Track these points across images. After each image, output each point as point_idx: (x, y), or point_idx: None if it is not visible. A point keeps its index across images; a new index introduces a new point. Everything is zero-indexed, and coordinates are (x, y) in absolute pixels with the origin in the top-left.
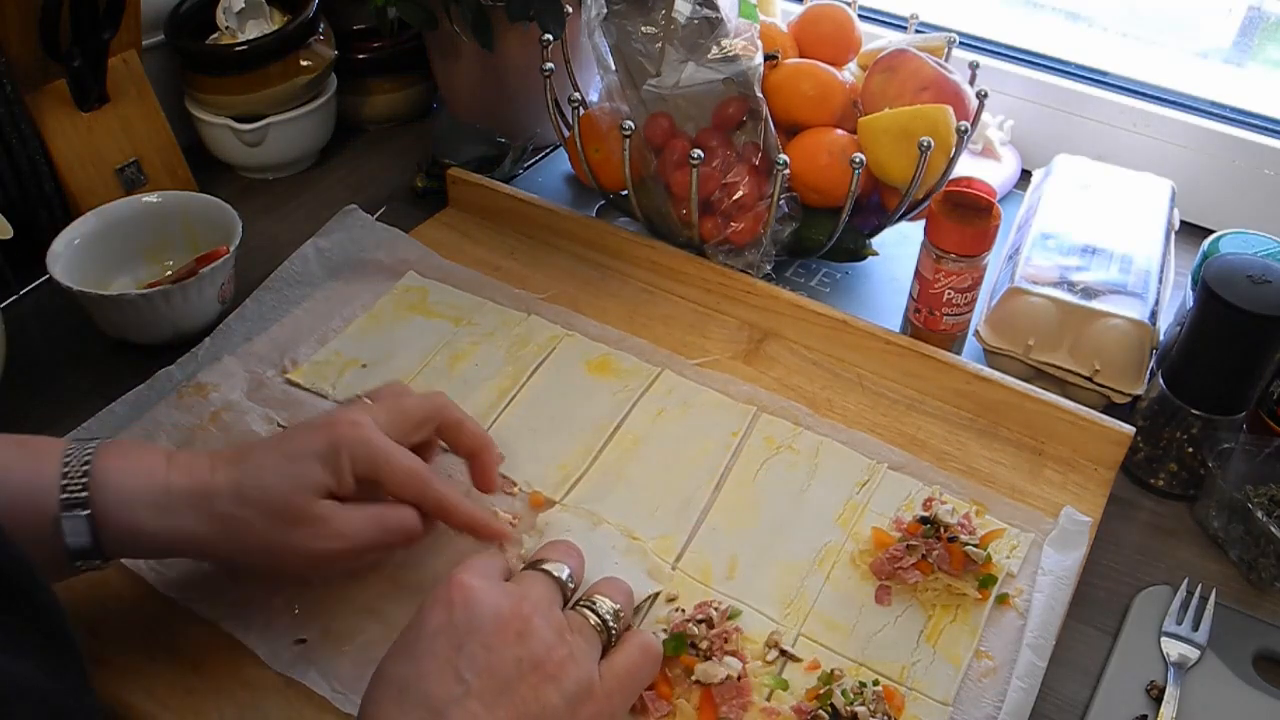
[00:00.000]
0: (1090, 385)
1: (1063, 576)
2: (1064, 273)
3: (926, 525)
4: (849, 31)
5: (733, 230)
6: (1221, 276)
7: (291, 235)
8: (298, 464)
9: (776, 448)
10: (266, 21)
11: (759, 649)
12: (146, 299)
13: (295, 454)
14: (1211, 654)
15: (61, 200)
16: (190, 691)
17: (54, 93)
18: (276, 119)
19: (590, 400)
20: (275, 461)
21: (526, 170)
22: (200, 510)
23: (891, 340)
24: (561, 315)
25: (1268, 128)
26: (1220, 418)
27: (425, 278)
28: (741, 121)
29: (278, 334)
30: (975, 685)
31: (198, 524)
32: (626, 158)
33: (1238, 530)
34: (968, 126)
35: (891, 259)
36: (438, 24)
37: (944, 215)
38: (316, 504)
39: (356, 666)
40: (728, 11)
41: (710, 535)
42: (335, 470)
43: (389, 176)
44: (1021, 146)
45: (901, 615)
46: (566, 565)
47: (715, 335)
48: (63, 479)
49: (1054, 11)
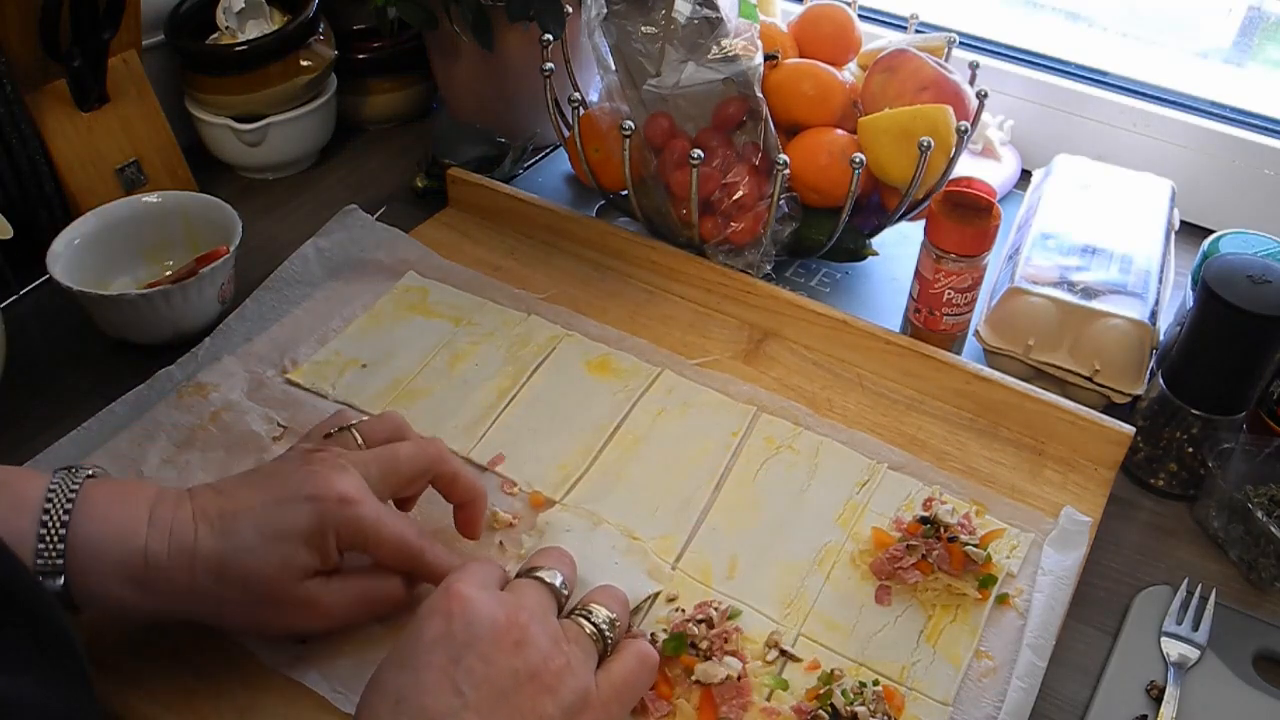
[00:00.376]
0: (1090, 385)
1: (1063, 576)
2: (1064, 273)
3: (926, 525)
4: (849, 31)
5: (733, 230)
6: (1221, 276)
7: (291, 235)
8: (283, 546)
9: (776, 448)
10: (266, 21)
11: (759, 649)
12: (146, 299)
13: (280, 533)
14: (1211, 654)
15: (61, 200)
16: (190, 692)
17: (54, 93)
18: (276, 119)
19: (590, 400)
20: (259, 541)
21: (526, 170)
22: (179, 584)
23: (891, 340)
24: (561, 315)
25: (1268, 128)
26: (1220, 418)
27: (425, 278)
28: (741, 121)
29: (278, 334)
30: (975, 685)
31: (176, 602)
32: (626, 158)
33: (1238, 530)
34: (968, 126)
35: (891, 259)
36: (438, 24)
37: (944, 215)
38: (301, 587)
39: (356, 667)
40: (728, 11)
41: (710, 535)
42: (322, 551)
43: (389, 176)
44: (1021, 146)
45: (901, 615)
46: (559, 571)
47: (715, 335)
48: (40, 541)
49: (1054, 11)
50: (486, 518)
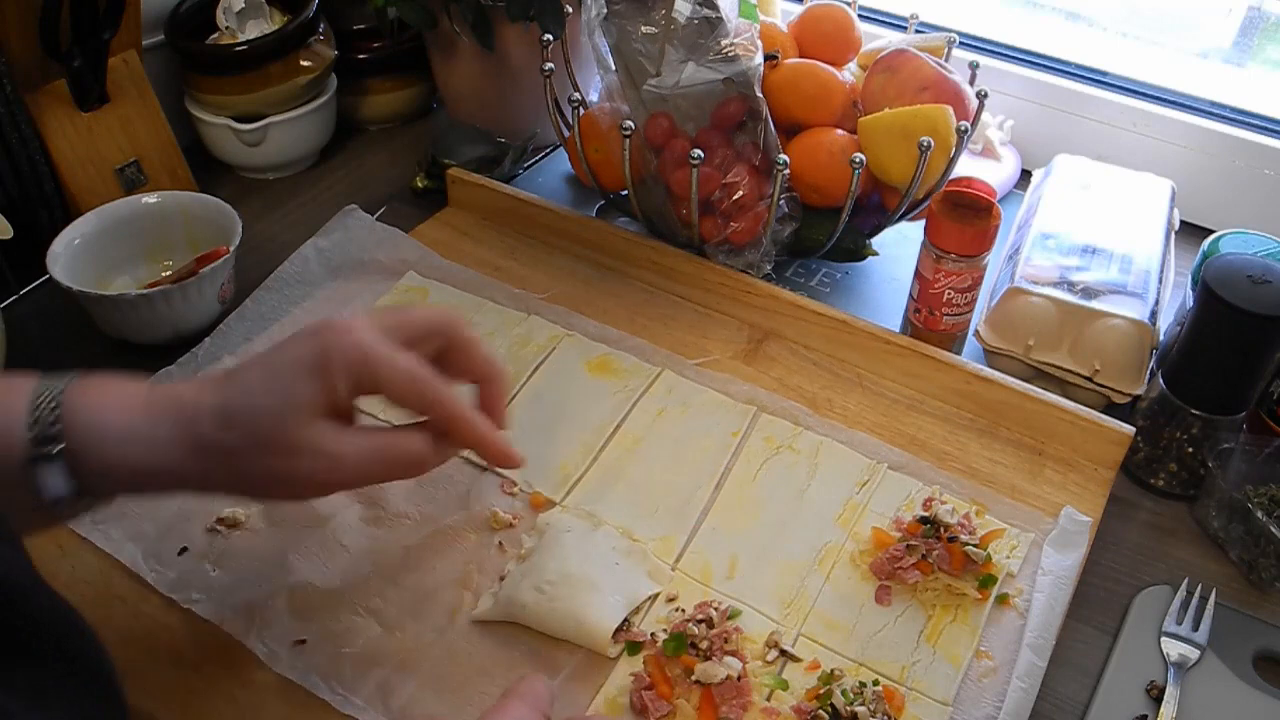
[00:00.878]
0: (1090, 385)
1: (1063, 576)
2: (1064, 273)
3: (926, 525)
4: (849, 31)
5: (733, 230)
6: (1221, 276)
7: (291, 235)
8: (285, 380)
9: (776, 448)
10: (266, 21)
11: (759, 649)
12: (146, 299)
13: (282, 368)
14: (1211, 654)
15: (61, 200)
16: (190, 692)
17: (54, 93)
18: (276, 119)
19: (590, 400)
20: (261, 378)
21: (526, 170)
22: (184, 438)
23: (891, 340)
24: (561, 315)
25: (1268, 128)
26: (1220, 418)
27: (425, 278)
28: (741, 121)
29: (277, 334)
30: (975, 685)
31: (183, 456)
32: (626, 158)
33: (1238, 530)
34: (968, 126)
35: (891, 259)
36: (438, 24)
37: (944, 215)
38: (309, 428)
39: (356, 667)
40: (728, 11)
41: (710, 535)
42: (327, 382)
43: (389, 176)
44: (1021, 146)
45: (901, 615)
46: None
47: (715, 335)
48: (33, 413)
49: (1054, 11)
50: (486, 518)
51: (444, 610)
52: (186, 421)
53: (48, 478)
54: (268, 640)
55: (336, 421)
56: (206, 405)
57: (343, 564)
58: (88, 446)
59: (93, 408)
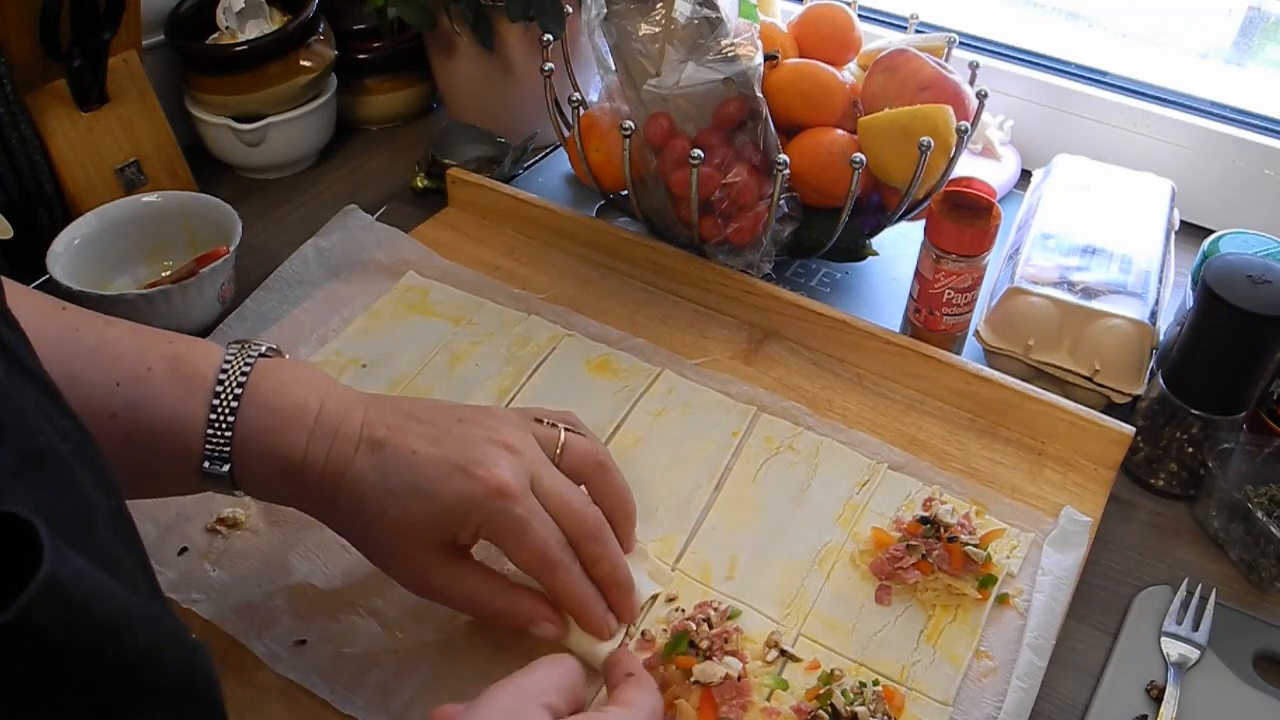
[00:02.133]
0: (1090, 385)
1: (1063, 576)
2: (1064, 273)
3: (926, 525)
4: (849, 31)
5: (733, 230)
6: (1221, 276)
7: (291, 235)
8: (420, 506)
9: (776, 448)
10: (266, 21)
11: (759, 649)
12: (146, 299)
13: (424, 492)
14: (1211, 654)
15: (61, 200)
16: None
17: (54, 93)
18: (276, 119)
19: (590, 400)
20: (403, 491)
21: (526, 170)
22: (324, 495)
23: (891, 340)
24: (561, 315)
25: (1268, 128)
26: (1220, 418)
27: (425, 278)
28: (741, 121)
29: (278, 334)
30: (975, 685)
31: (318, 509)
32: (626, 158)
33: (1238, 530)
34: (968, 126)
35: (891, 259)
36: (438, 24)
37: (944, 215)
38: (421, 554)
39: (357, 667)
40: (728, 11)
41: (710, 535)
42: (456, 530)
43: (389, 176)
44: (1021, 146)
45: (901, 615)
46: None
47: (715, 335)
48: (209, 427)
49: (1054, 11)
50: None
51: (444, 610)
52: (331, 484)
53: (213, 483)
54: (268, 640)
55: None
56: (351, 480)
57: (343, 564)
58: (249, 472)
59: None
